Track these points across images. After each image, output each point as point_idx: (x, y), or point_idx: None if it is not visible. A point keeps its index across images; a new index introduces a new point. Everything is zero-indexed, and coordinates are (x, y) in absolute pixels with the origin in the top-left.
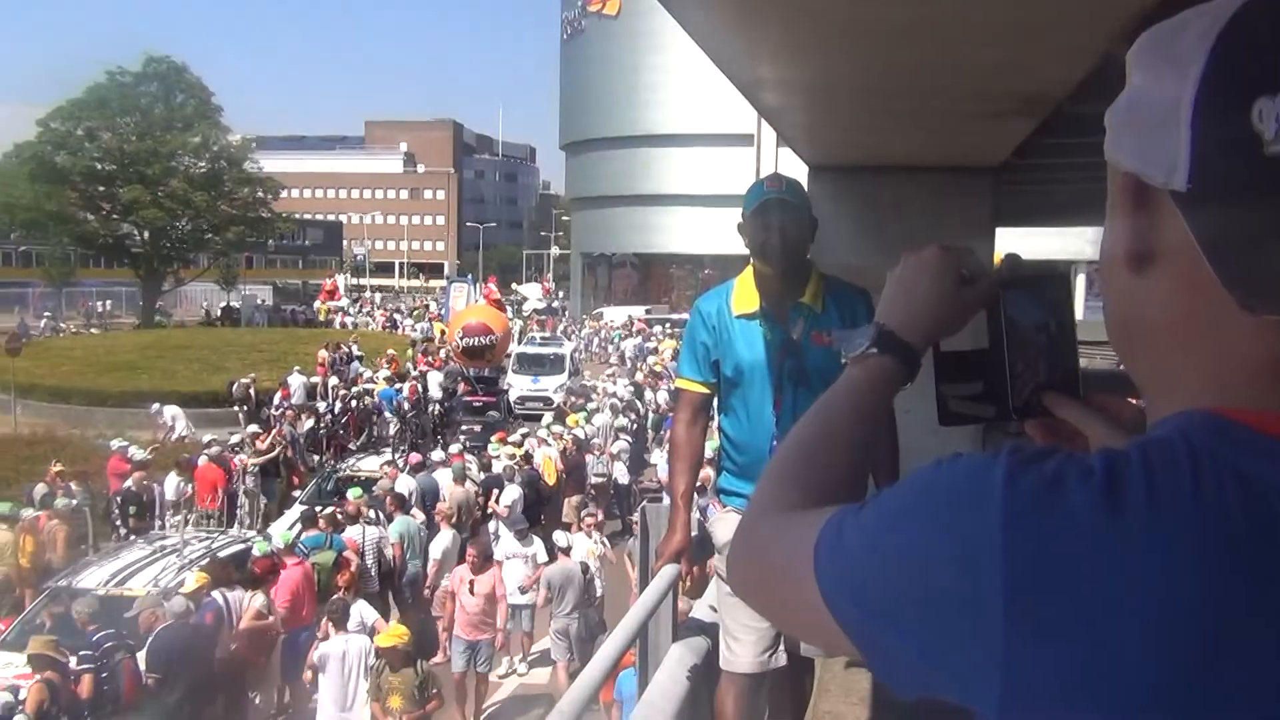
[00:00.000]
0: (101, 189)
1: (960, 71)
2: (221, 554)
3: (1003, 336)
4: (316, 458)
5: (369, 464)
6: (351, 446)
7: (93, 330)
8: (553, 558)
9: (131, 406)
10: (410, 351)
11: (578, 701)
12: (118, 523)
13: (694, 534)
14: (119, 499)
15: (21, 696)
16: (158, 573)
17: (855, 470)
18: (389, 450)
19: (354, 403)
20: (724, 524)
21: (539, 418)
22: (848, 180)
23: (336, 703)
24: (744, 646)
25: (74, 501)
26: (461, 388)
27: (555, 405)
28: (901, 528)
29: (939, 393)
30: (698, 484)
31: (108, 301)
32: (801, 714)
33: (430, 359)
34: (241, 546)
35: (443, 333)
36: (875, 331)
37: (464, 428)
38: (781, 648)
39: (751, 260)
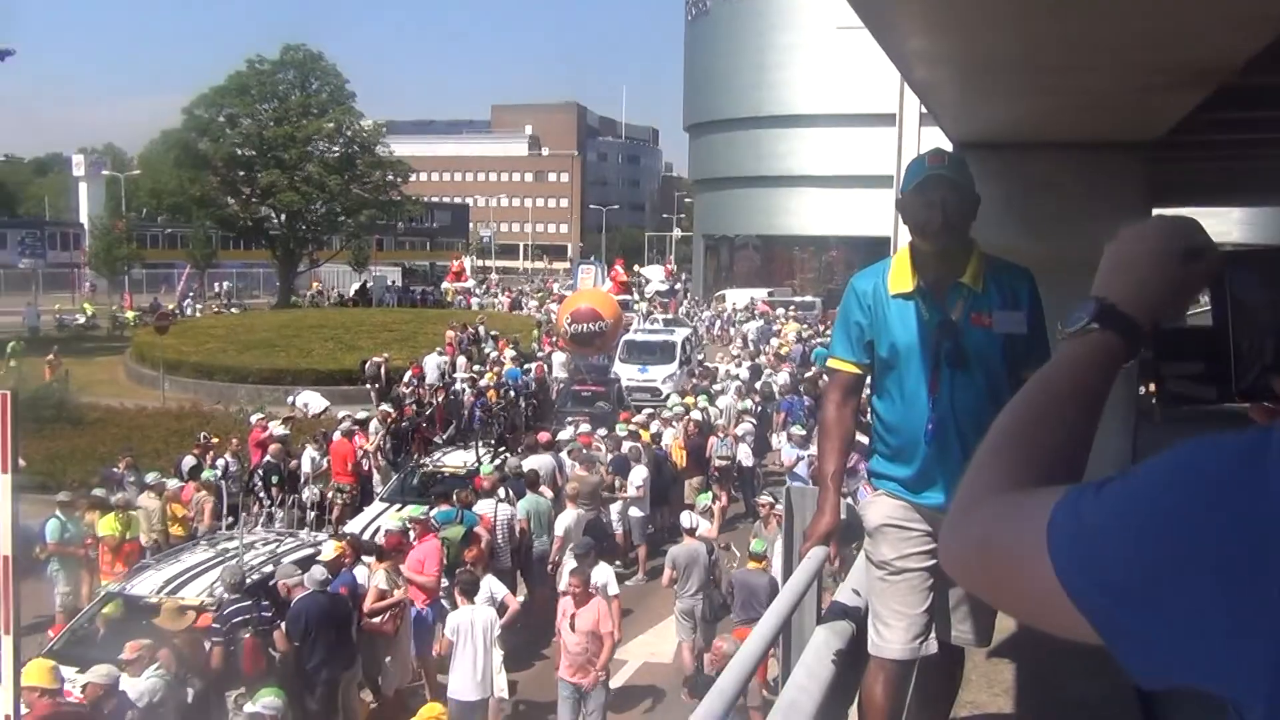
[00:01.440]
0: (241, 174)
1: (1126, 42)
2: (286, 559)
3: (1227, 315)
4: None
5: (454, 459)
6: (437, 440)
7: (233, 310)
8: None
9: (270, 383)
10: (535, 333)
11: (739, 678)
12: (260, 493)
13: (842, 517)
14: (260, 470)
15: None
16: (213, 580)
17: (1076, 450)
18: (476, 445)
19: (440, 396)
20: (875, 507)
21: (651, 409)
22: (996, 158)
23: (467, 673)
24: (894, 632)
25: (218, 473)
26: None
27: (663, 396)
28: (1160, 507)
29: (1158, 372)
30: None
31: (225, 282)
32: (950, 704)
33: (555, 340)
34: (310, 550)
35: None
36: (1095, 306)
37: (570, 419)
38: (933, 635)
39: (910, 238)
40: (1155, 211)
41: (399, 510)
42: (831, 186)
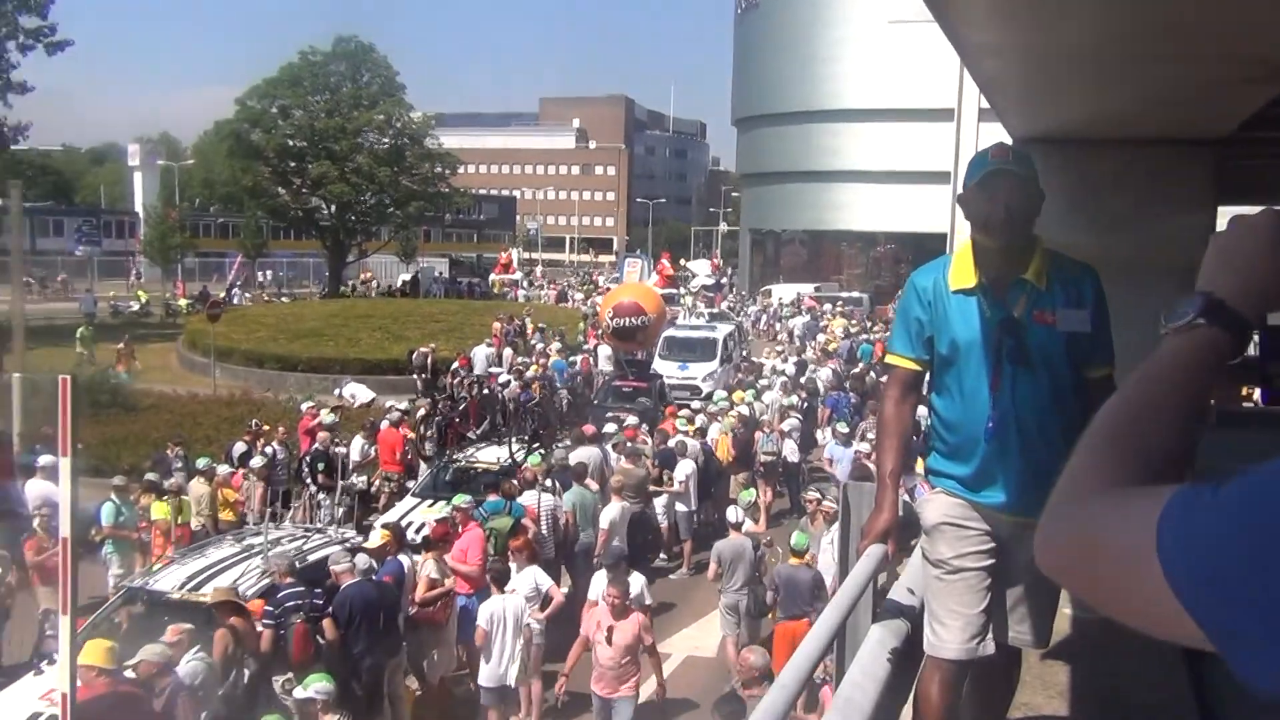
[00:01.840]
0: (293, 165)
1: (1206, 33)
2: (311, 556)
3: None
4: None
5: (487, 454)
6: (471, 435)
7: (282, 299)
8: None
9: (319, 372)
10: (581, 325)
11: (801, 673)
12: (308, 480)
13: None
14: (309, 458)
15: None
16: (237, 577)
17: (1179, 448)
18: (510, 440)
19: (473, 389)
20: (932, 505)
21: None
22: (1058, 153)
23: (498, 661)
24: (951, 632)
25: (264, 459)
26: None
27: (704, 395)
28: (1265, 508)
29: (1265, 371)
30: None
31: (267, 271)
32: (1007, 706)
33: (601, 333)
34: (336, 547)
35: None
36: (1202, 301)
37: (610, 415)
38: (990, 635)
39: (971, 233)
40: (1222, 210)
41: (430, 505)
42: (881, 182)
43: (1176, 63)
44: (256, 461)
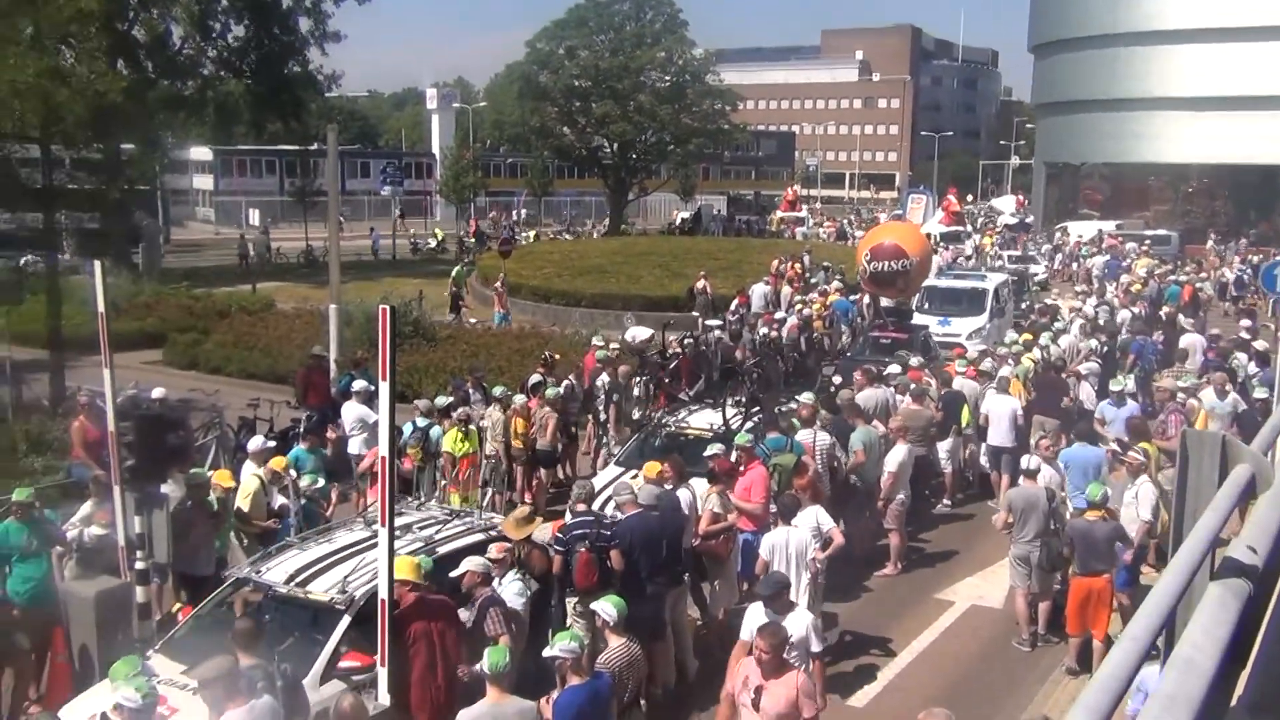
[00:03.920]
0: (578, 104)
1: None
2: (443, 548)
3: None
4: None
5: (700, 419)
6: (683, 396)
7: (566, 236)
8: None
9: (601, 308)
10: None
11: (1151, 626)
12: (601, 410)
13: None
14: (598, 391)
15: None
16: (349, 570)
17: None
18: (724, 404)
19: (686, 345)
20: None
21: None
22: None
23: None
24: None
25: (559, 390)
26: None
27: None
28: None
29: None
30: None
31: (524, 211)
32: None
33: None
34: (480, 537)
35: None
36: None
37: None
38: None
39: None
40: None
41: (634, 478)
42: (1198, 109)
43: None
44: (551, 392)
